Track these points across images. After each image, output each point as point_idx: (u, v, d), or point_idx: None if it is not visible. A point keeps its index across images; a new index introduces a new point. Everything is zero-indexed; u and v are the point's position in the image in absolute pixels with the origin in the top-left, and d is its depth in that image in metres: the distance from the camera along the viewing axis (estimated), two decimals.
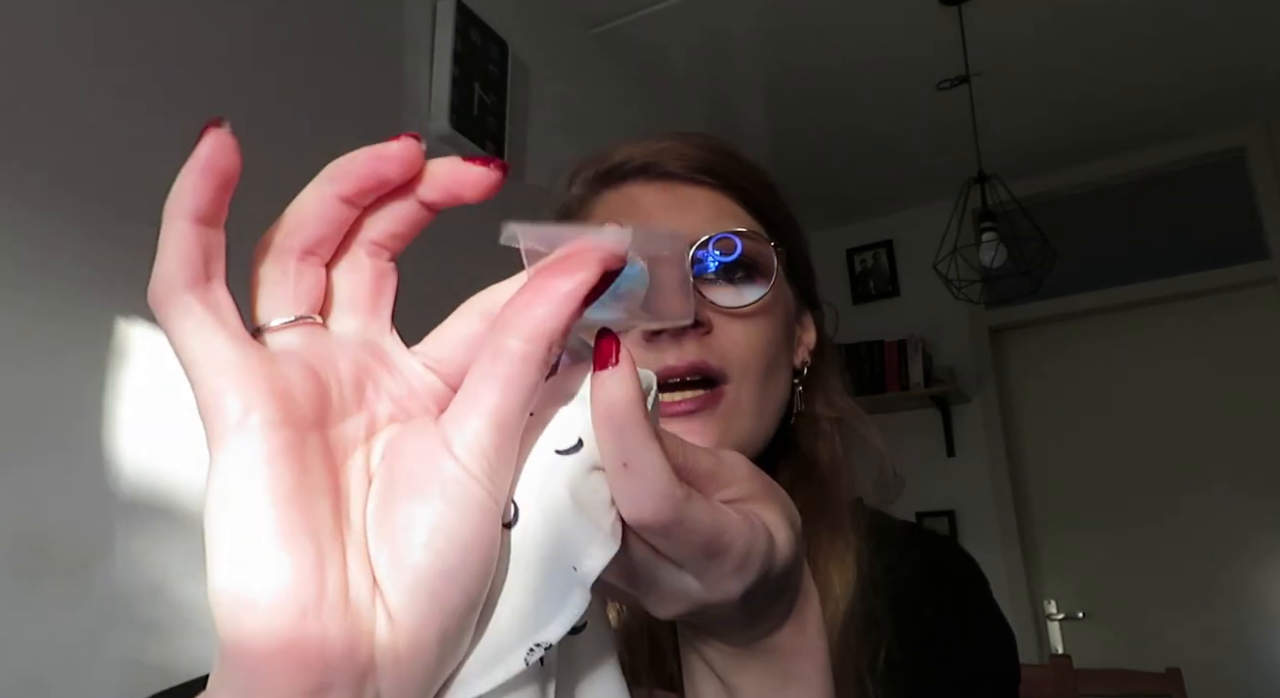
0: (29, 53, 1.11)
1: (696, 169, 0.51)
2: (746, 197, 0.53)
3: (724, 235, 0.51)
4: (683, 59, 2.60)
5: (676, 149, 0.52)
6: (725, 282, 0.52)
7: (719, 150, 0.54)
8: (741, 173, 0.54)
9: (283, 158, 1.56)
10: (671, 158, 0.51)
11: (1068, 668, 1.47)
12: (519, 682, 0.25)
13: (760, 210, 0.54)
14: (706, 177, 0.51)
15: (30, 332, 1.06)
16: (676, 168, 0.51)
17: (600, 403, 0.25)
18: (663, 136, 0.54)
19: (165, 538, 1.17)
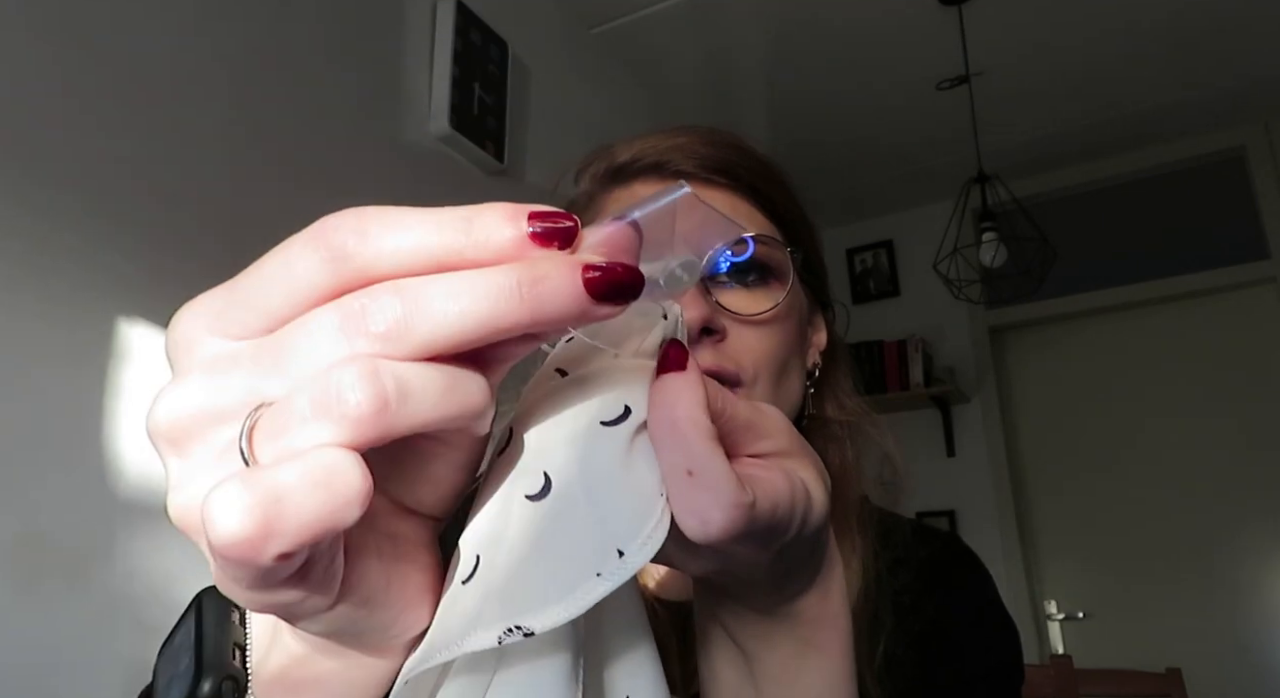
0: (29, 53, 1.11)
1: (710, 168, 0.50)
2: (760, 197, 0.52)
3: (739, 239, 0.50)
4: (683, 59, 2.60)
5: (689, 147, 0.50)
6: (739, 285, 0.51)
7: (733, 146, 0.52)
8: (756, 171, 0.53)
9: (283, 158, 1.57)
10: (684, 156, 0.50)
11: (1068, 668, 1.47)
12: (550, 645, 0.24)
13: (775, 211, 0.53)
14: (720, 176, 0.50)
15: (31, 333, 1.06)
16: (689, 166, 0.49)
17: (664, 407, 0.24)
18: (675, 132, 0.52)
19: (165, 539, 1.17)
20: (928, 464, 3.27)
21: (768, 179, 0.53)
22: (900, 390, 3.18)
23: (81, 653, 1.06)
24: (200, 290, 0.23)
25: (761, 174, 0.53)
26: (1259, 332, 2.93)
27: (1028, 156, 3.15)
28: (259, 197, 1.40)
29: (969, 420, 3.25)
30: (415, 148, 1.75)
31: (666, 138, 0.52)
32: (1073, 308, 3.19)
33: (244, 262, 0.25)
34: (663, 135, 0.52)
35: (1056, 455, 3.17)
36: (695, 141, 0.51)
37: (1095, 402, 3.13)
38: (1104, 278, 3.15)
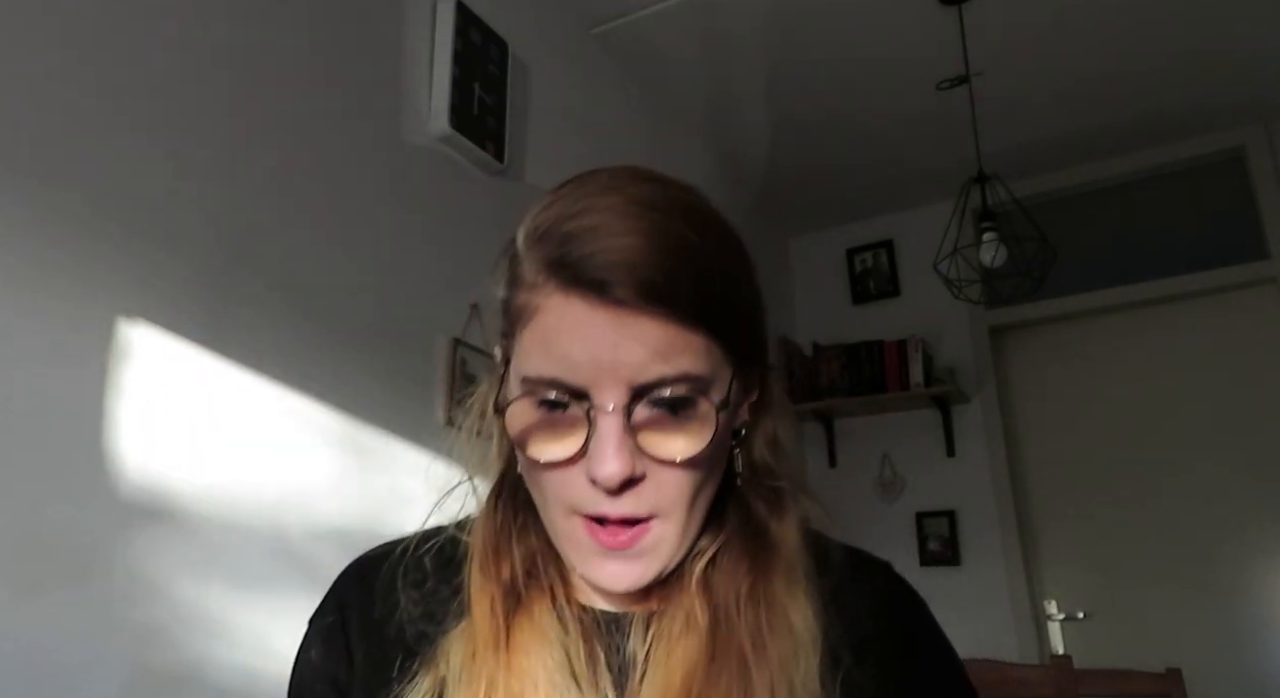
0: (28, 53, 1.11)
1: (651, 295, 0.46)
2: (702, 318, 0.48)
3: (670, 380, 0.48)
4: (683, 59, 2.60)
5: (639, 258, 0.46)
6: (666, 412, 0.49)
7: (681, 253, 0.48)
8: (700, 284, 0.48)
9: (283, 157, 1.57)
10: (629, 274, 0.46)
11: (1068, 668, 1.46)
12: None
13: (717, 327, 0.50)
14: (660, 305, 0.46)
15: (30, 332, 1.06)
16: (629, 292, 0.46)
17: None
18: (628, 233, 0.47)
19: (165, 539, 1.17)
20: (928, 464, 3.27)
21: (709, 289, 0.49)
22: (900, 390, 3.18)
23: (81, 653, 1.06)
24: (200, 290, 0.23)
25: (705, 284, 0.49)
26: (1259, 332, 2.93)
27: (1028, 156, 3.15)
28: (259, 196, 1.40)
29: (969, 420, 3.25)
30: (415, 148, 1.75)
31: (620, 232, 0.47)
32: (1073, 308, 3.19)
33: (244, 261, 0.25)
34: (616, 230, 0.47)
35: (1056, 455, 3.17)
36: (645, 250, 0.47)
37: (1095, 402, 3.13)
38: (1104, 278, 3.15)
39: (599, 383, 0.47)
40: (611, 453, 0.47)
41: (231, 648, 1.22)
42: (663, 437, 0.49)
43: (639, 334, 0.47)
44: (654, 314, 0.47)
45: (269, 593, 1.29)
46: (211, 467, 1.25)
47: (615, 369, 0.47)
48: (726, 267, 0.52)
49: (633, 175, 0.52)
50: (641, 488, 0.50)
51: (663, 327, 0.47)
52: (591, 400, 0.48)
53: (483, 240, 1.88)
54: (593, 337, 0.47)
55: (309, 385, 1.43)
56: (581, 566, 0.53)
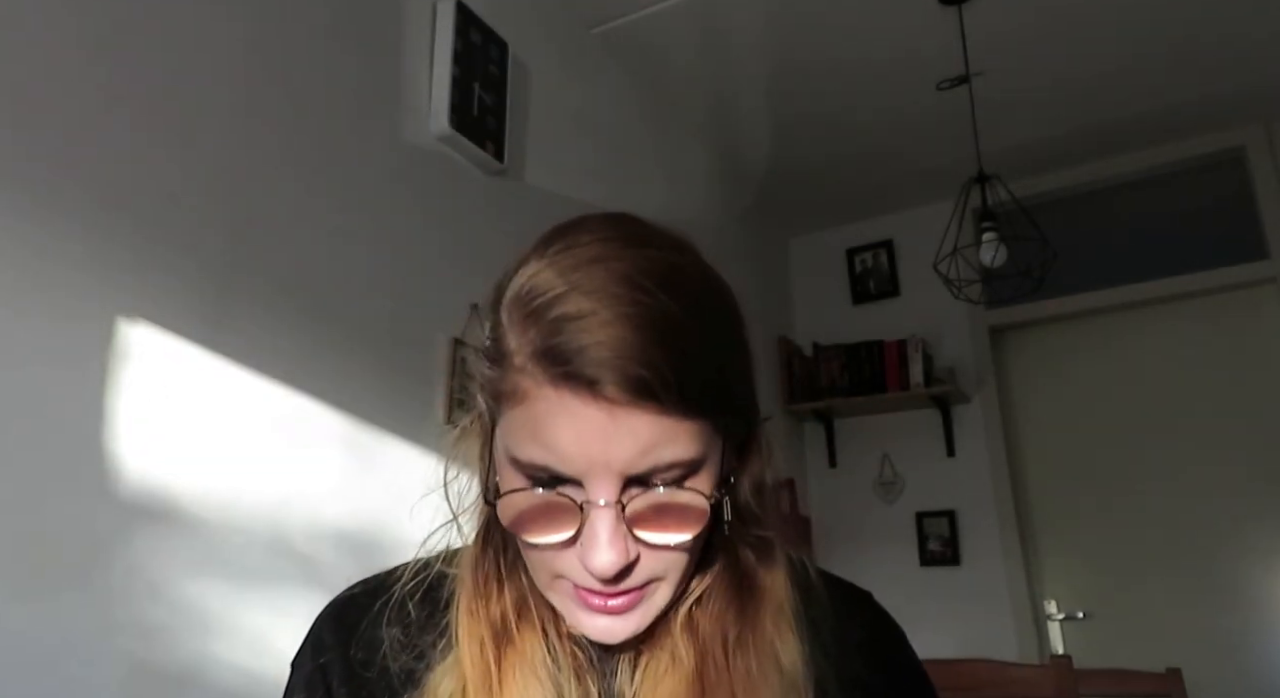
0: (28, 52, 1.11)
1: (639, 390, 0.45)
2: (694, 407, 0.47)
3: (663, 468, 0.48)
4: (683, 59, 2.60)
5: (623, 366, 0.45)
6: (658, 495, 0.49)
7: (671, 350, 0.46)
8: (691, 376, 0.47)
9: (283, 157, 1.57)
10: (617, 379, 0.45)
11: (1068, 668, 1.46)
12: None
13: (709, 411, 0.49)
14: (649, 400, 0.45)
15: (31, 333, 1.06)
16: (618, 394, 0.45)
17: None
18: (617, 322, 0.46)
19: (165, 539, 1.17)
20: (928, 464, 3.27)
21: (702, 375, 0.48)
22: (900, 390, 3.18)
23: (81, 653, 1.06)
24: (200, 290, 0.23)
25: (697, 371, 0.47)
26: (1259, 332, 2.93)
27: (1028, 156, 3.15)
28: (259, 196, 1.40)
29: (969, 420, 3.25)
30: (415, 148, 1.75)
31: (609, 321, 0.45)
32: (1073, 308, 3.19)
33: (244, 262, 0.25)
34: (605, 318, 0.46)
35: (1056, 455, 3.17)
36: (636, 343, 0.45)
37: (1095, 402, 3.13)
38: (1104, 278, 3.15)
39: (591, 475, 0.47)
40: (605, 547, 0.47)
41: (231, 648, 1.22)
42: (657, 521, 0.49)
43: (631, 429, 0.46)
44: (645, 409, 0.46)
45: (269, 593, 1.29)
46: (211, 466, 1.25)
47: (608, 463, 0.47)
48: (718, 342, 0.50)
49: (622, 237, 0.50)
50: (637, 566, 0.50)
51: (655, 420, 0.46)
52: (585, 491, 0.48)
53: (483, 240, 1.88)
54: (585, 432, 0.46)
55: (309, 385, 1.43)
56: (570, 618, 0.53)
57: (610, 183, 2.45)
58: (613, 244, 0.49)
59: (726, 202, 3.22)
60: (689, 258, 0.52)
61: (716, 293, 0.52)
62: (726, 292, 0.54)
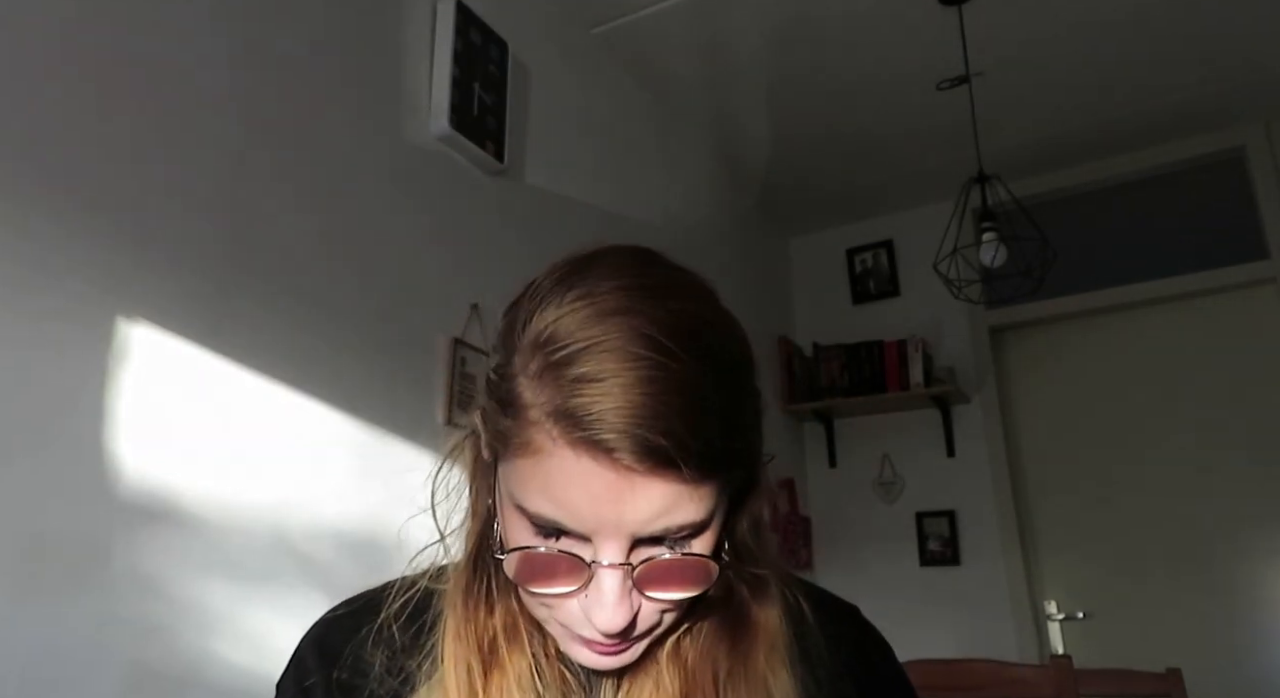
0: (28, 52, 1.11)
1: (657, 461, 0.45)
2: (709, 472, 0.48)
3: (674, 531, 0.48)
4: (683, 59, 2.60)
5: (640, 435, 0.44)
6: (664, 553, 0.49)
7: (688, 417, 0.46)
8: (707, 444, 0.46)
9: (283, 157, 1.57)
10: (634, 448, 0.44)
11: (1068, 668, 1.46)
12: None
13: (721, 474, 0.49)
14: (666, 468, 0.45)
15: (30, 332, 1.06)
16: (634, 462, 0.45)
17: None
18: (636, 386, 0.45)
19: (165, 538, 1.17)
20: (928, 464, 3.27)
21: (717, 441, 0.47)
22: (900, 390, 3.18)
23: (82, 653, 1.06)
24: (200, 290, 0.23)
25: (713, 436, 0.47)
26: (1259, 332, 2.93)
27: (1028, 156, 3.15)
28: (259, 196, 1.40)
29: (969, 420, 3.25)
30: (415, 148, 1.75)
31: (629, 384, 0.45)
32: (1073, 308, 3.19)
33: (244, 262, 0.26)
34: (626, 381, 0.45)
35: (1056, 455, 3.17)
36: (653, 411, 0.45)
37: (1095, 402, 3.13)
38: (1104, 278, 3.15)
39: (601, 534, 0.47)
40: (612, 607, 0.48)
41: (231, 647, 1.22)
42: (663, 582, 0.49)
43: (645, 495, 0.46)
44: (663, 477, 0.46)
45: (269, 593, 1.29)
46: (211, 466, 1.25)
47: (619, 525, 0.47)
48: (734, 399, 0.49)
49: (645, 286, 0.49)
50: (639, 618, 0.50)
51: (669, 486, 0.46)
52: (593, 548, 0.48)
53: (483, 240, 1.88)
54: (599, 495, 0.46)
55: (309, 385, 1.43)
56: (562, 645, 0.54)
57: (610, 183, 2.45)
58: (635, 294, 0.48)
59: (727, 201, 3.22)
60: (708, 307, 0.52)
61: (734, 345, 0.51)
62: (742, 341, 0.53)
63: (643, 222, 2.57)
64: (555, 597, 0.50)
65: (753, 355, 0.53)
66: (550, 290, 0.50)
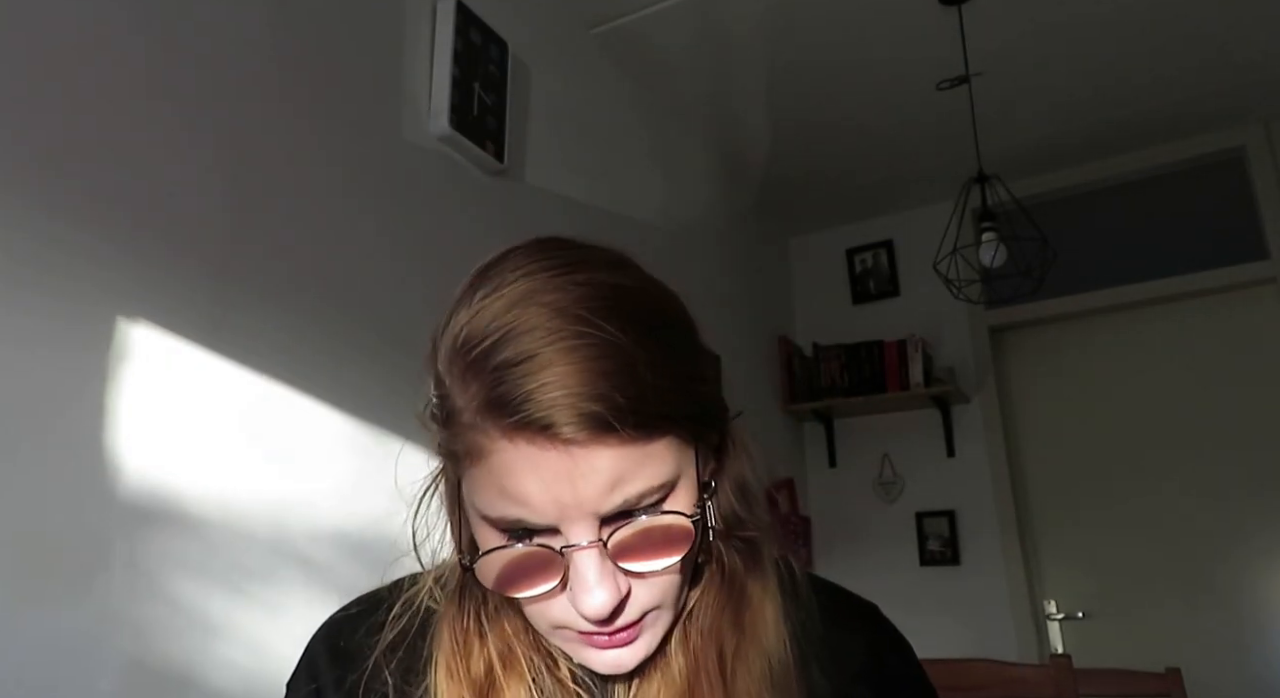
0: (28, 52, 1.11)
1: (598, 425, 0.44)
2: (655, 428, 0.46)
3: (635, 498, 0.47)
4: (683, 59, 2.60)
5: (573, 404, 0.44)
6: (639, 523, 0.47)
7: (619, 378, 0.44)
8: (645, 399, 0.45)
9: (283, 157, 1.57)
10: (570, 419, 0.44)
11: (1068, 668, 1.46)
12: None
13: (672, 426, 0.47)
14: (609, 435, 0.44)
15: (30, 332, 1.06)
16: (574, 433, 0.44)
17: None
18: (561, 360, 0.44)
19: (165, 539, 1.17)
20: (928, 464, 3.27)
21: (656, 394, 0.46)
22: (900, 390, 3.18)
23: (81, 653, 1.06)
24: (200, 289, 0.23)
25: (650, 392, 0.45)
26: (1259, 332, 2.93)
27: (1028, 156, 3.15)
28: (259, 196, 1.40)
29: (969, 420, 3.26)
30: (415, 148, 1.75)
31: (552, 361, 0.44)
32: (1073, 308, 3.19)
33: (244, 261, 0.25)
34: (547, 358, 0.44)
35: (1056, 455, 3.17)
36: (582, 378, 0.44)
37: (1095, 402, 3.13)
38: (1104, 278, 3.16)
39: (566, 519, 0.46)
40: (594, 587, 0.47)
41: (231, 648, 1.22)
42: (641, 550, 0.48)
43: (595, 467, 0.45)
44: (606, 443, 0.45)
45: (269, 593, 1.29)
46: (211, 466, 1.25)
47: (579, 504, 0.46)
48: (666, 355, 0.48)
49: (550, 267, 0.49)
50: (630, 600, 0.49)
51: (618, 452, 0.45)
52: (563, 536, 0.47)
53: (483, 240, 1.88)
54: (548, 478, 0.45)
55: (309, 385, 1.43)
56: (577, 657, 0.53)
57: (610, 183, 2.45)
58: (540, 277, 0.48)
59: (726, 202, 3.22)
60: (623, 274, 0.50)
61: (657, 304, 0.51)
62: (668, 300, 0.52)
63: (642, 222, 2.57)
64: (541, 597, 0.49)
65: (682, 316, 0.52)
66: (460, 299, 0.50)
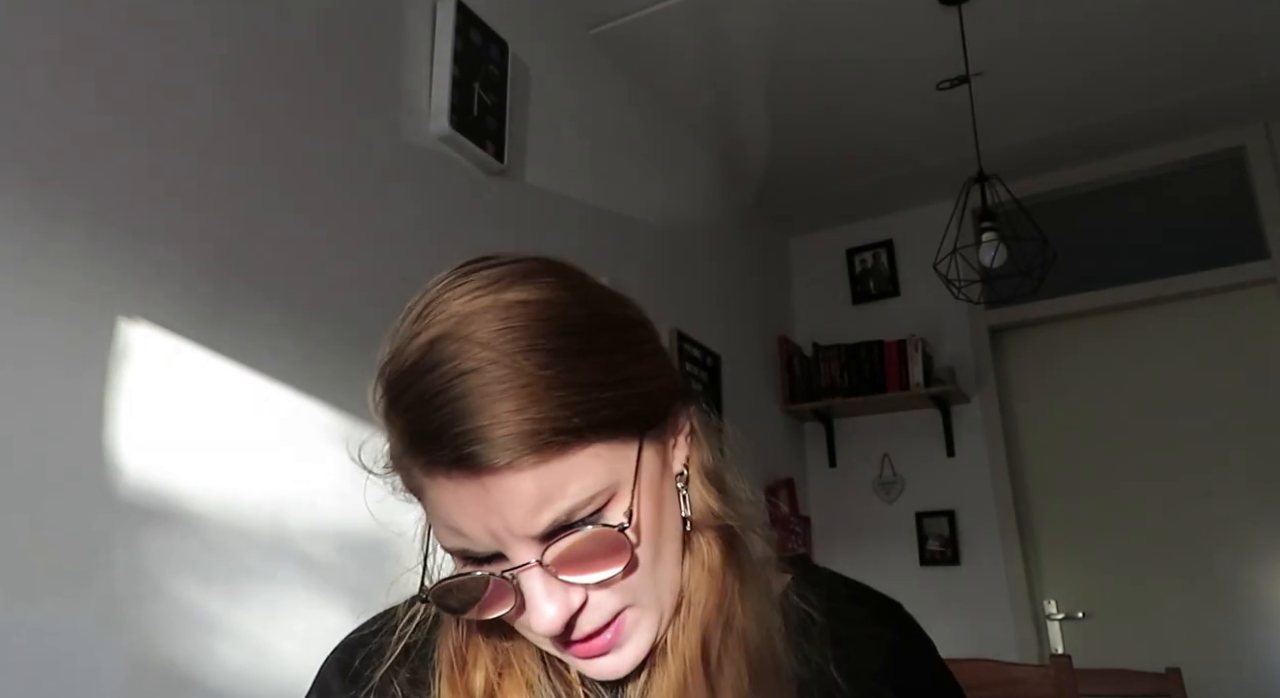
0: (28, 52, 1.11)
1: (507, 454, 0.44)
2: (570, 440, 0.45)
3: (566, 513, 0.46)
4: (683, 59, 2.60)
5: (479, 435, 0.44)
6: (579, 535, 0.47)
7: (521, 400, 0.44)
8: (552, 417, 0.44)
9: (283, 158, 1.57)
10: (478, 452, 0.44)
11: (1068, 668, 1.46)
12: None
13: (591, 434, 0.46)
14: (520, 458, 0.44)
15: (31, 333, 1.06)
16: (484, 464, 0.44)
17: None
18: (465, 393, 0.44)
19: (165, 539, 1.17)
20: (927, 464, 3.27)
21: (565, 408, 0.45)
22: (900, 390, 3.18)
23: (82, 653, 1.06)
24: (200, 290, 0.23)
25: (558, 406, 0.45)
26: (1259, 332, 2.93)
27: (1028, 156, 3.15)
28: (259, 196, 1.40)
29: (969, 420, 3.25)
30: (415, 148, 1.75)
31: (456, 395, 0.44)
32: (1073, 308, 3.19)
33: (244, 261, 0.25)
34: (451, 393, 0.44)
35: (1056, 455, 3.17)
36: (484, 409, 0.44)
37: (1095, 402, 3.13)
38: (1104, 278, 3.15)
39: (503, 545, 0.47)
40: (541, 606, 0.47)
41: (232, 648, 1.22)
42: (582, 563, 0.47)
43: (515, 493, 0.45)
44: (518, 469, 0.44)
45: (269, 593, 1.29)
46: (211, 466, 1.25)
47: (510, 531, 0.46)
48: (580, 366, 0.46)
49: (461, 296, 0.49)
50: (592, 606, 0.49)
51: (533, 474, 0.45)
52: (509, 559, 0.48)
53: (483, 240, 1.88)
54: (473, 510, 0.46)
55: (309, 385, 1.43)
56: (573, 665, 0.53)
57: (610, 183, 2.45)
58: (448, 308, 0.49)
59: (726, 202, 3.22)
60: (537, 288, 0.49)
61: (571, 315, 0.49)
62: (589, 305, 0.50)
63: (642, 222, 2.57)
64: (507, 618, 0.50)
65: (606, 319, 0.51)
66: (386, 340, 0.52)
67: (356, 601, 1.36)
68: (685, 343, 2.62)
